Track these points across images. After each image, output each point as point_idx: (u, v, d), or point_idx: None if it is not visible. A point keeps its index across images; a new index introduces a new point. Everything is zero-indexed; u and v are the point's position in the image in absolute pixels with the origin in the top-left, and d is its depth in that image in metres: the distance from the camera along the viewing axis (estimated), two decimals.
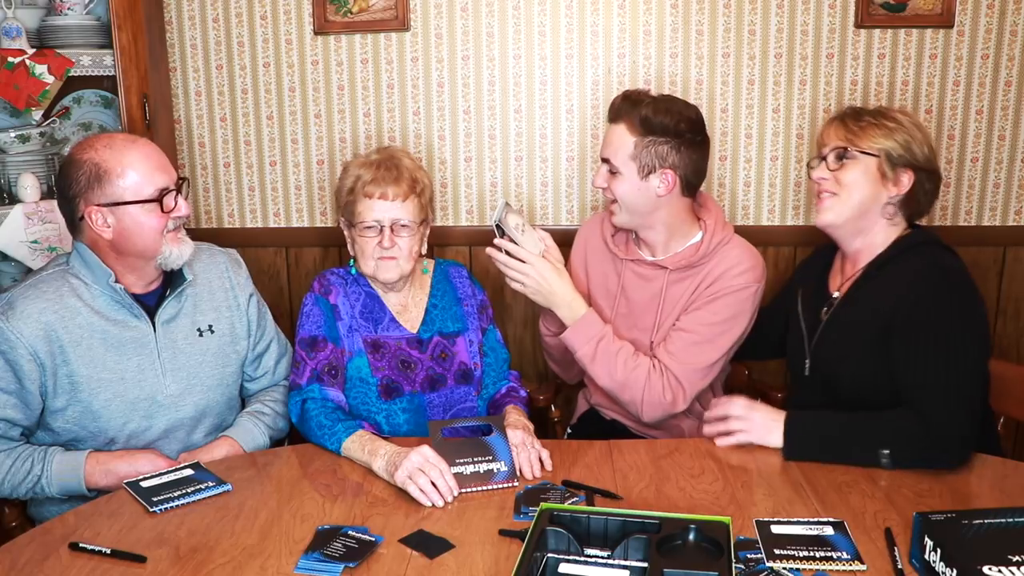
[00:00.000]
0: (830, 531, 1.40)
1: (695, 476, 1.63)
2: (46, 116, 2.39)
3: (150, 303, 1.80)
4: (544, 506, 1.37)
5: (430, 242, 2.02)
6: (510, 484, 1.61)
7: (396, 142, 2.61)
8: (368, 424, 1.81)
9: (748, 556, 1.35)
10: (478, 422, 1.78)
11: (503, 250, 1.88)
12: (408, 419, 1.91)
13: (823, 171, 1.81)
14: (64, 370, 1.70)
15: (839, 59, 2.51)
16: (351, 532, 1.43)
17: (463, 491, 1.58)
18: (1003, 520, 1.30)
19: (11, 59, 2.24)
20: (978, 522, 1.30)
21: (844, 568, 1.31)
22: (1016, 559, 1.20)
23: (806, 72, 2.52)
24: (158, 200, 1.70)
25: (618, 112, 1.92)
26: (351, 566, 1.34)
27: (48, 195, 2.30)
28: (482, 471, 1.62)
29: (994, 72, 2.50)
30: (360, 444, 1.69)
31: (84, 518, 1.49)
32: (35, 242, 2.27)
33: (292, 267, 2.73)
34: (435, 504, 1.53)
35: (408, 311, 1.98)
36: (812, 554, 1.34)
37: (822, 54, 2.51)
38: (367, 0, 2.52)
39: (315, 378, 1.84)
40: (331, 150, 2.65)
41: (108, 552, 1.38)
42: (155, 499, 1.54)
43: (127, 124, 2.33)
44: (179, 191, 1.74)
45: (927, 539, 1.28)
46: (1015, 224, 2.60)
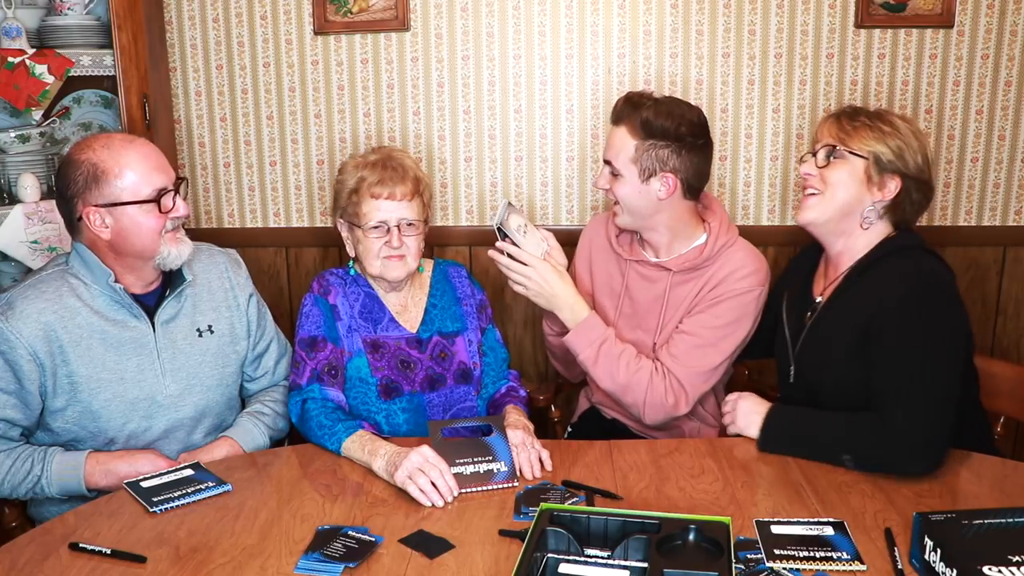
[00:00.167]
0: (830, 531, 1.40)
1: (695, 476, 1.63)
2: (46, 116, 2.38)
3: (150, 303, 1.80)
4: (544, 506, 1.37)
5: (430, 242, 2.02)
6: (510, 484, 1.60)
7: (396, 142, 2.61)
8: (368, 424, 1.81)
9: (748, 556, 1.35)
10: (478, 422, 1.78)
11: (505, 253, 1.88)
12: (408, 419, 1.91)
13: (811, 167, 1.78)
14: (64, 370, 1.70)
15: (839, 59, 2.51)
16: (351, 532, 1.43)
17: (463, 491, 1.58)
18: (1003, 520, 1.30)
19: (11, 59, 2.24)
20: (978, 522, 1.30)
21: (844, 568, 1.31)
22: (1016, 559, 1.20)
23: (806, 72, 2.52)
24: (156, 200, 1.70)
25: (620, 114, 1.91)
26: (351, 566, 1.33)
27: (48, 195, 2.30)
28: (482, 471, 1.61)
29: (994, 72, 2.50)
30: (360, 444, 1.69)
31: (84, 518, 1.49)
32: (35, 242, 2.27)
33: (292, 267, 2.73)
34: (435, 504, 1.53)
35: (407, 311, 1.98)
36: (812, 554, 1.34)
37: (822, 54, 2.51)
38: (367, 0, 2.52)
39: (315, 378, 1.84)
40: (331, 150, 2.65)
41: (108, 552, 1.38)
42: (155, 499, 1.54)
43: (127, 124, 2.32)
44: (177, 191, 1.74)
45: (927, 539, 1.28)
46: (1015, 224, 2.60)
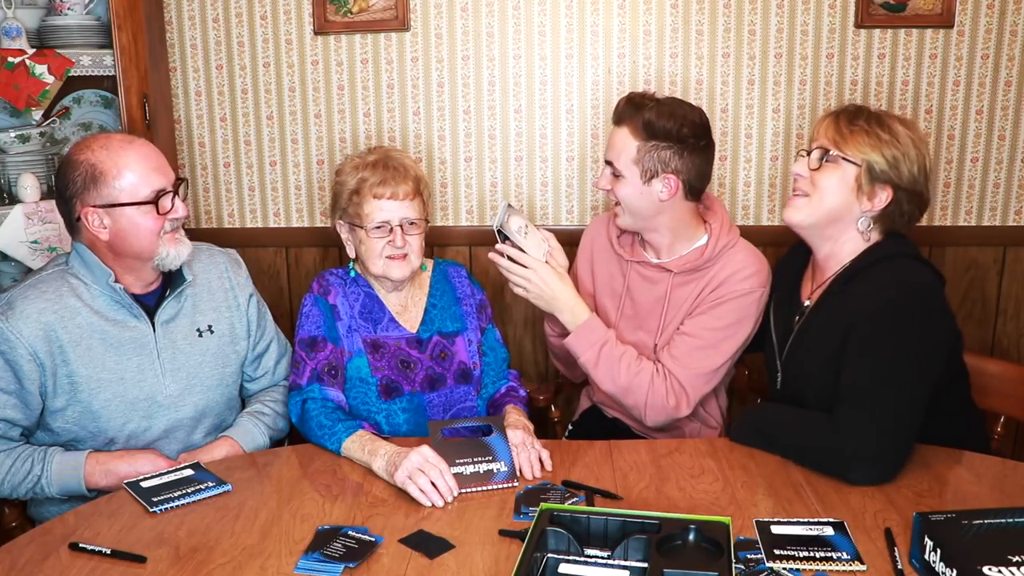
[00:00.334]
0: (830, 531, 1.40)
1: (695, 476, 1.63)
2: (46, 116, 2.38)
3: (150, 303, 1.79)
4: (544, 506, 1.37)
5: (430, 242, 2.02)
6: (510, 484, 1.60)
7: (396, 142, 2.61)
8: (368, 424, 1.81)
9: (748, 556, 1.34)
10: (478, 422, 1.77)
11: (505, 255, 1.88)
12: (408, 419, 1.91)
13: (803, 167, 1.73)
14: (64, 370, 1.70)
15: (839, 59, 2.51)
16: (351, 532, 1.43)
17: (463, 491, 1.58)
18: (1003, 520, 1.30)
19: (11, 59, 2.24)
20: (978, 522, 1.29)
21: (844, 568, 1.31)
22: (1016, 559, 1.20)
23: (806, 72, 2.52)
24: (154, 202, 1.69)
25: (621, 115, 1.90)
26: (351, 566, 1.33)
27: (48, 195, 2.30)
28: (482, 471, 1.61)
29: (994, 72, 2.50)
30: (360, 444, 1.69)
31: (84, 518, 1.49)
32: (35, 242, 2.27)
33: (292, 267, 2.73)
34: (435, 504, 1.53)
35: (407, 311, 1.98)
36: (812, 554, 1.34)
37: (822, 54, 2.51)
38: (367, 0, 2.52)
39: (315, 378, 1.84)
40: (331, 150, 2.65)
41: (108, 552, 1.38)
42: (155, 499, 1.54)
43: (127, 124, 2.32)
44: (176, 192, 1.74)
45: (927, 539, 1.28)
46: (1015, 224, 2.60)
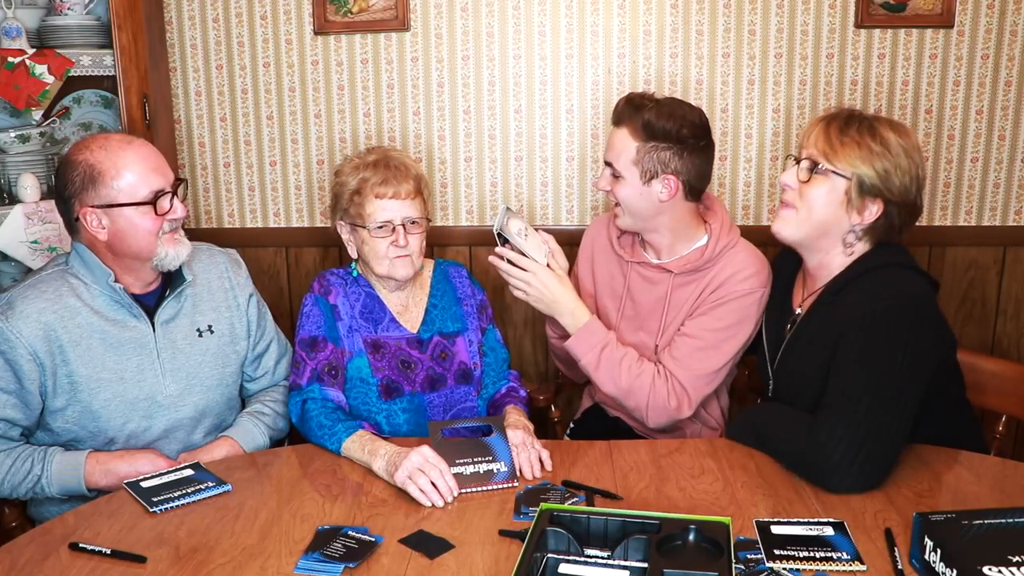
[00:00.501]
0: (830, 531, 1.40)
1: (695, 476, 1.63)
2: (46, 116, 2.39)
3: (149, 303, 1.79)
4: (544, 506, 1.37)
5: (430, 242, 2.02)
6: (510, 484, 1.60)
7: (396, 142, 2.61)
8: (368, 424, 1.81)
9: (748, 556, 1.34)
10: (478, 422, 1.77)
11: (505, 258, 1.88)
12: (408, 419, 1.91)
13: (791, 177, 1.70)
14: (64, 370, 1.70)
15: (839, 59, 2.51)
16: (351, 532, 1.43)
17: (463, 491, 1.57)
18: (1003, 520, 1.30)
19: (11, 59, 2.24)
20: (978, 522, 1.29)
21: (844, 568, 1.31)
22: (1016, 559, 1.20)
23: (806, 72, 2.52)
24: (152, 202, 1.69)
25: (621, 116, 1.90)
26: (351, 566, 1.33)
27: (48, 195, 2.30)
28: (482, 471, 1.61)
29: (994, 72, 2.50)
30: (360, 444, 1.69)
31: (84, 518, 1.49)
32: (35, 242, 2.27)
33: (292, 267, 2.73)
34: (435, 504, 1.53)
35: (408, 311, 1.98)
36: (812, 554, 1.34)
37: (822, 54, 2.51)
38: (367, 0, 2.52)
39: (315, 378, 1.84)
40: (331, 150, 2.65)
41: (108, 552, 1.38)
42: (155, 499, 1.54)
43: (127, 124, 2.32)
44: (175, 193, 1.74)
45: (927, 539, 1.28)
46: (1015, 224, 2.60)
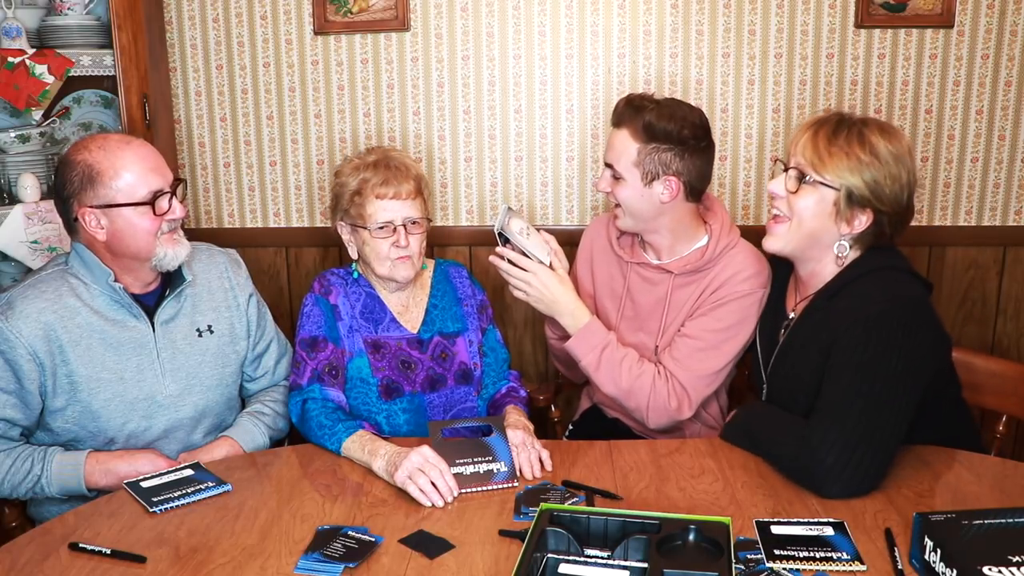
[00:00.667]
0: (830, 531, 1.40)
1: (695, 476, 1.63)
2: (46, 116, 2.39)
3: (149, 303, 1.79)
4: (544, 506, 1.37)
5: (430, 242, 2.02)
6: (510, 484, 1.60)
7: (396, 142, 2.61)
8: (368, 424, 1.81)
9: (748, 556, 1.34)
10: (478, 422, 1.77)
11: (505, 258, 1.88)
12: (408, 419, 1.91)
13: (779, 186, 1.67)
14: (63, 370, 1.70)
15: (839, 59, 2.51)
16: (351, 532, 1.43)
17: (463, 491, 1.57)
18: (1003, 520, 1.30)
19: (11, 59, 2.24)
20: (978, 522, 1.29)
21: (844, 568, 1.31)
22: (1016, 559, 1.20)
23: (806, 72, 2.52)
24: (151, 203, 1.69)
25: (621, 117, 1.89)
26: (351, 566, 1.33)
27: (48, 195, 2.30)
28: (482, 471, 1.61)
29: (994, 72, 2.50)
30: (360, 444, 1.69)
31: (84, 518, 1.49)
32: (35, 242, 2.27)
33: (292, 267, 2.73)
34: (435, 504, 1.53)
35: (408, 311, 1.98)
36: (812, 554, 1.34)
37: (822, 54, 2.51)
38: (367, 0, 2.52)
39: (315, 378, 1.84)
40: (331, 150, 2.65)
41: (108, 552, 1.37)
42: (155, 499, 1.54)
43: (127, 124, 2.32)
44: (174, 193, 1.73)
45: (927, 539, 1.28)
46: (1015, 224, 2.60)
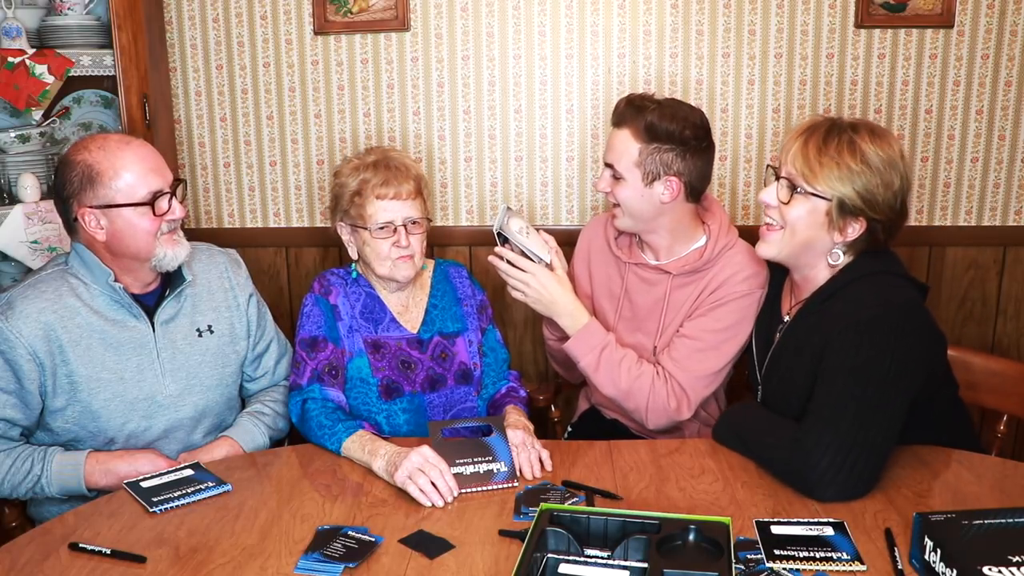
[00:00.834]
0: (830, 531, 1.40)
1: (695, 476, 1.63)
2: (46, 116, 2.39)
3: (149, 303, 1.79)
4: (544, 506, 1.37)
5: (430, 242, 2.02)
6: (510, 484, 1.60)
7: (396, 142, 2.61)
8: (368, 424, 1.81)
9: (748, 556, 1.34)
10: (478, 422, 1.78)
11: (504, 259, 1.88)
12: (408, 419, 1.91)
13: (771, 196, 1.67)
14: (63, 370, 1.70)
15: (839, 59, 2.51)
16: (351, 532, 1.43)
17: (463, 491, 1.57)
18: (1003, 520, 1.30)
19: (11, 59, 2.24)
20: (978, 522, 1.29)
21: (844, 568, 1.31)
22: (1016, 559, 1.20)
23: (806, 72, 2.52)
24: (150, 203, 1.69)
25: (622, 117, 1.89)
26: (351, 566, 1.33)
27: (48, 195, 2.30)
28: (482, 471, 1.61)
29: (994, 72, 2.50)
30: (360, 444, 1.69)
31: (84, 518, 1.49)
32: (35, 242, 2.27)
33: (292, 267, 2.73)
34: (435, 504, 1.53)
35: (408, 311, 1.98)
36: (812, 554, 1.34)
37: (822, 54, 2.51)
38: (367, 0, 2.52)
39: (315, 378, 1.84)
40: (331, 150, 2.65)
41: (108, 552, 1.38)
42: (155, 499, 1.54)
43: (127, 124, 2.32)
44: (174, 193, 1.73)
45: (927, 539, 1.28)
46: (1015, 224, 2.60)
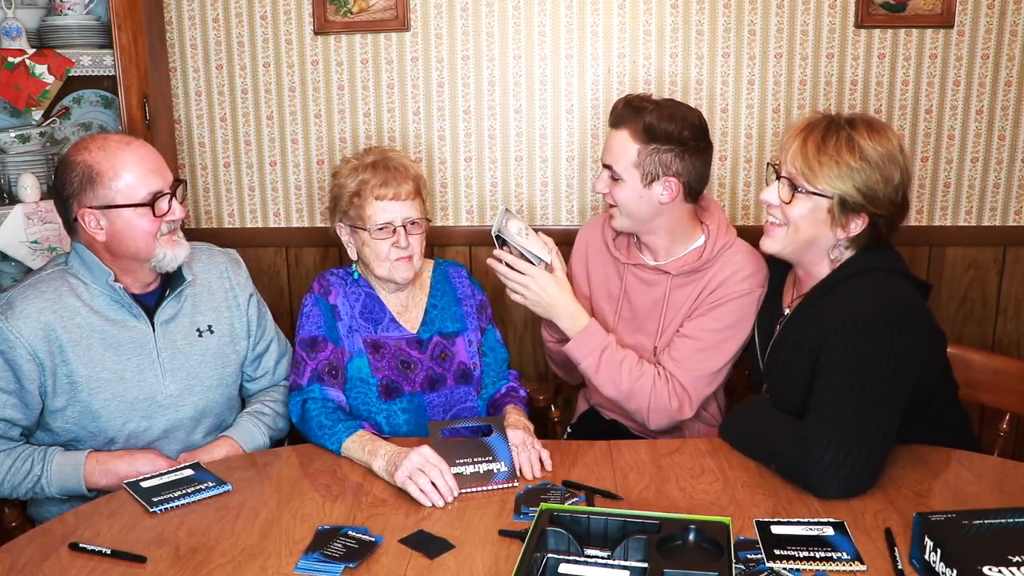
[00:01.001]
0: (830, 531, 1.40)
1: (695, 476, 1.63)
2: (46, 116, 2.39)
3: (149, 303, 1.79)
4: (544, 506, 1.37)
5: (430, 242, 2.02)
6: (510, 484, 1.60)
7: (396, 142, 2.61)
8: (368, 424, 1.81)
9: (748, 556, 1.34)
10: (478, 422, 1.78)
11: (503, 262, 1.88)
12: (408, 419, 1.91)
13: (773, 195, 1.69)
14: (63, 370, 1.70)
15: (839, 59, 2.51)
16: (351, 532, 1.43)
17: (463, 491, 1.57)
18: (1003, 520, 1.30)
19: (11, 59, 2.24)
20: (978, 522, 1.29)
21: (844, 568, 1.31)
22: (1016, 559, 1.20)
23: (806, 72, 2.52)
24: (150, 204, 1.69)
25: (620, 117, 1.88)
26: (351, 566, 1.33)
27: (48, 195, 2.30)
28: (482, 471, 1.61)
29: (994, 72, 2.50)
30: (360, 444, 1.69)
31: (84, 518, 1.49)
32: (35, 242, 2.27)
33: (292, 267, 2.73)
34: (435, 504, 1.53)
35: (408, 311, 1.98)
36: (812, 554, 1.34)
37: (822, 54, 2.51)
38: (367, 0, 2.52)
39: (315, 378, 1.84)
40: (331, 150, 2.65)
41: (108, 552, 1.38)
42: (155, 499, 1.54)
43: (127, 124, 2.32)
44: (174, 194, 1.73)
45: (927, 539, 1.28)
46: (1015, 224, 2.60)
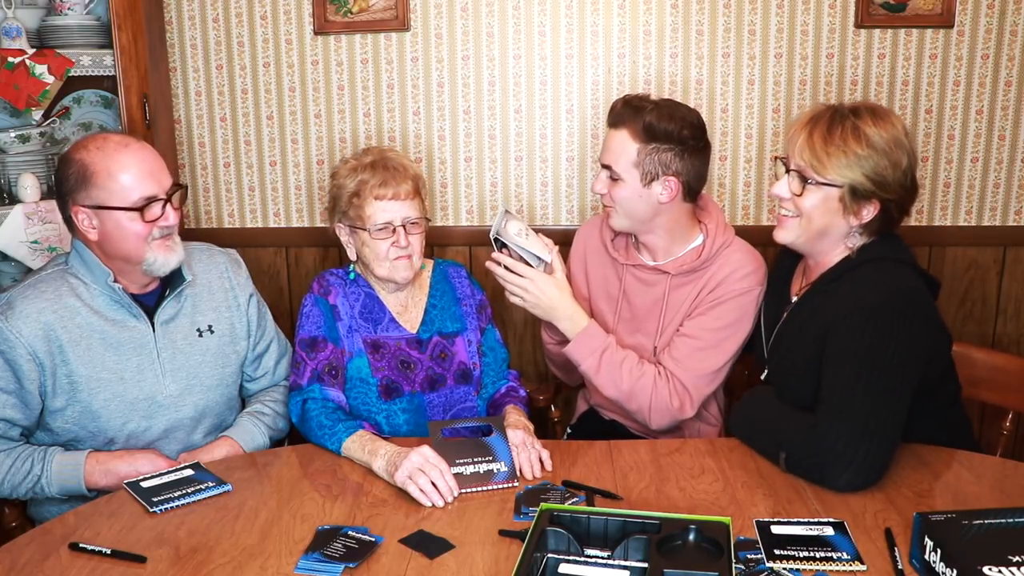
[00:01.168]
0: (830, 531, 1.40)
1: (695, 476, 1.63)
2: (46, 116, 2.39)
3: (149, 303, 1.79)
4: (544, 506, 1.37)
5: (430, 242, 2.02)
6: (510, 484, 1.60)
7: (396, 142, 2.61)
8: (368, 424, 1.81)
9: (748, 556, 1.35)
10: (478, 422, 1.78)
11: (502, 264, 1.88)
12: (408, 419, 1.91)
13: (783, 189, 1.70)
14: (63, 370, 1.70)
15: (839, 59, 2.51)
16: (351, 532, 1.43)
17: (463, 491, 1.58)
18: (1003, 520, 1.30)
19: (11, 59, 2.24)
20: (978, 522, 1.30)
21: (844, 568, 1.31)
22: (1016, 559, 1.20)
23: (806, 72, 2.52)
24: (141, 209, 1.68)
25: (619, 117, 1.88)
26: (351, 566, 1.34)
27: (48, 195, 2.30)
28: (482, 471, 1.62)
29: (994, 72, 2.50)
30: (360, 444, 1.69)
31: (84, 518, 1.49)
32: (35, 242, 2.27)
33: (292, 267, 2.73)
34: (435, 504, 1.53)
35: (408, 311, 1.98)
36: (812, 554, 1.34)
37: (822, 54, 2.51)
38: (367, 0, 2.52)
39: (315, 378, 1.84)
40: (331, 150, 2.65)
41: (108, 552, 1.38)
42: (155, 499, 1.54)
43: (127, 124, 2.32)
44: (169, 200, 1.72)
45: (927, 539, 1.28)
46: (1015, 224, 2.60)
